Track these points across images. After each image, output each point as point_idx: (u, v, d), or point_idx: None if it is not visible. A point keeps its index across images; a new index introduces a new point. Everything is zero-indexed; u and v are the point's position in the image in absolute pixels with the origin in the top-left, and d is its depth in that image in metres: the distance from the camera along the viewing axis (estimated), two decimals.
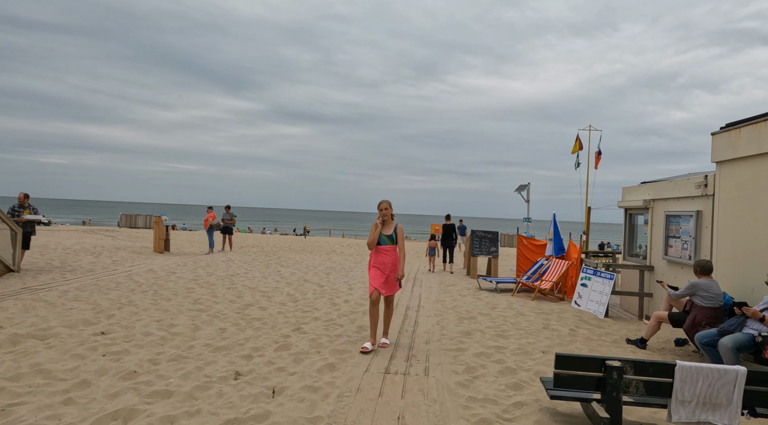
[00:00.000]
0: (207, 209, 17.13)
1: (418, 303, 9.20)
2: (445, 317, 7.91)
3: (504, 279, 11.63)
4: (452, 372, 5.00)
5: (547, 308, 9.16)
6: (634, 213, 10.29)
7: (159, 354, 5.12)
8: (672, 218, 8.48)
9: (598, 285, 9.30)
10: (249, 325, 6.66)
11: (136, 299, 7.98)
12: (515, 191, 16.24)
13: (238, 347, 5.56)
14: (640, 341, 6.67)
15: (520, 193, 16.18)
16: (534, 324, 7.68)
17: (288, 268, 13.59)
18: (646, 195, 9.49)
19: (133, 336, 5.75)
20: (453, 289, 11.26)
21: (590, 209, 11.91)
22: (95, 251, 14.93)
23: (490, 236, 14.04)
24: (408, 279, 12.76)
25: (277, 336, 6.13)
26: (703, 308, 6.02)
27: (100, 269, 11.50)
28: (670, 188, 8.57)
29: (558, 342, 6.50)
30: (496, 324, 7.48)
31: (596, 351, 6.19)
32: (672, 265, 8.47)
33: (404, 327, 7.14)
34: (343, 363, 5.17)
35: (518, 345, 6.22)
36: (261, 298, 8.79)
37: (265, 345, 5.72)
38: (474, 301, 9.65)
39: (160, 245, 16.08)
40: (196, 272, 11.64)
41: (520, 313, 8.53)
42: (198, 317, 6.98)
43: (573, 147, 24.69)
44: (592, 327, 7.78)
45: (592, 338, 6.94)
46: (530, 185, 15.84)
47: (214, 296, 8.67)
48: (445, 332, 6.87)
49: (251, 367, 4.83)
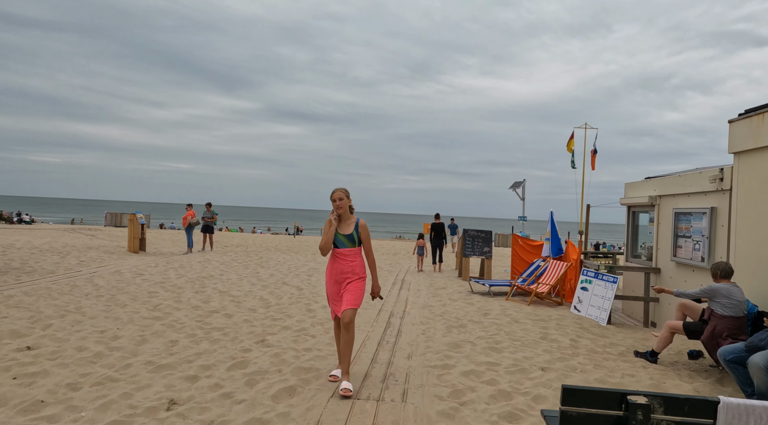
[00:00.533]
0: (186, 206, 16.24)
1: (403, 309, 8.40)
2: (431, 326, 7.11)
3: (497, 282, 10.84)
4: (435, 398, 4.20)
5: (545, 315, 8.38)
6: (638, 211, 9.54)
7: (84, 375, 4.28)
8: (682, 215, 7.72)
9: (600, 289, 8.54)
10: (206, 336, 5.83)
11: (86, 306, 7.13)
12: (510, 188, 15.48)
13: (185, 365, 4.73)
14: (651, 354, 5.90)
15: (515, 190, 15.42)
16: (530, 333, 6.89)
17: (268, 269, 12.75)
18: (652, 191, 8.73)
19: (63, 352, 4.91)
20: (443, 292, 10.46)
21: (589, 207, 11.13)
22: (64, 251, 14.03)
23: (483, 235, 13.25)
24: (395, 281, 11.95)
25: (235, 351, 5.30)
26: (724, 318, 5.25)
27: (62, 270, 10.62)
28: (680, 183, 7.82)
29: (558, 356, 5.71)
30: (489, 334, 6.69)
31: (602, 366, 5.41)
32: (681, 267, 7.71)
33: (385, 337, 6.34)
34: (305, 385, 4.35)
35: (513, 361, 5.42)
36: (229, 303, 7.95)
37: (219, 361, 4.89)
38: (465, 306, 8.85)
39: (135, 245, 15.19)
40: (165, 274, 10.77)
41: (515, 320, 7.75)
42: (150, 326, 6.14)
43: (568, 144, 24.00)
44: (594, 336, 7.00)
45: (596, 350, 6.16)
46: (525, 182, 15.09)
47: (177, 302, 7.83)
48: (430, 344, 6.06)
49: (192, 393, 4.01)
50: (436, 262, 15.19)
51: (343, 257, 4.42)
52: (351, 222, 4.47)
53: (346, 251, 4.42)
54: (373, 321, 7.31)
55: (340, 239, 4.44)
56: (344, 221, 4.47)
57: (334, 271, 4.46)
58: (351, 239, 4.43)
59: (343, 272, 4.43)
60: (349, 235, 4.42)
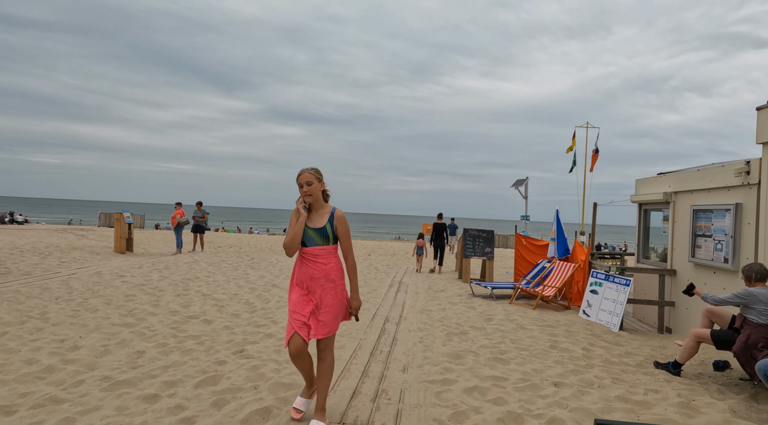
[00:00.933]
0: (175, 205, 15.63)
1: (400, 313, 7.80)
2: (430, 333, 6.51)
3: (500, 284, 10.24)
4: (433, 422, 3.59)
5: (552, 320, 7.78)
6: (651, 209, 8.95)
7: (24, 395, 3.68)
8: (701, 213, 7.13)
9: (611, 292, 7.94)
10: (179, 346, 5.23)
11: (52, 311, 6.52)
12: (512, 186, 14.88)
13: (146, 381, 4.13)
14: (673, 365, 5.30)
15: (517, 188, 14.82)
16: (539, 341, 6.29)
17: (258, 271, 12.14)
18: (667, 187, 8.15)
19: (8, 366, 4.30)
20: (442, 295, 9.86)
21: (596, 206, 10.55)
22: (46, 252, 13.41)
23: (485, 235, 12.65)
24: (392, 283, 11.35)
25: (208, 363, 4.70)
26: (759, 326, 4.66)
27: (39, 272, 10.01)
28: (699, 178, 7.22)
29: (571, 368, 5.10)
30: (493, 342, 6.09)
31: (621, 381, 4.81)
32: (701, 269, 7.12)
33: (378, 346, 5.74)
34: (283, 405, 3.75)
35: (522, 374, 4.82)
36: (211, 308, 7.35)
37: (187, 376, 4.29)
38: (466, 311, 8.25)
39: (122, 245, 14.58)
40: (148, 276, 10.16)
41: (520, 326, 7.15)
42: (117, 334, 5.53)
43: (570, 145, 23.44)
44: (608, 344, 6.40)
45: (611, 360, 5.56)
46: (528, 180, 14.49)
47: (154, 306, 7.22)
48: (428, 354, 5.46)
49: (145, 417, 3.40)
50: (438, 262, 14.68)
51: (313, 258, 3.43)
52: (324, 213, 3.50)
53: (317, 250, 3.44)
54: (367, 327, 6.71)
55: (309, 235, 3.45)
56: (315, 212, 3.52)
57: (302, 276, 3.45)
58: (324, 234, 3.45)
59: (313, 279, 3.42)
60: (320, 229, 3.44)
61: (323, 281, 3.43)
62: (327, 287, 3.43)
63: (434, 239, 14.80)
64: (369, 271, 13.71)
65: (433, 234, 14.81)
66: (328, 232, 3.47)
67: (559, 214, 10.47)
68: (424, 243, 14.81)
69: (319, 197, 3.48)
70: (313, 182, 3.43)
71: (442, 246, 14.78)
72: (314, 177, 3.44)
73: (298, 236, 3.40)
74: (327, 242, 3.48)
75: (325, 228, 3.46)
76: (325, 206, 3.54)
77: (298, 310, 3.36)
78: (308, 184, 3.42)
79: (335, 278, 3.46)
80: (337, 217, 3.49)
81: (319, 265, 3.43)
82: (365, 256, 19.00)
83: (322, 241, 3.46)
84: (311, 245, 3.45)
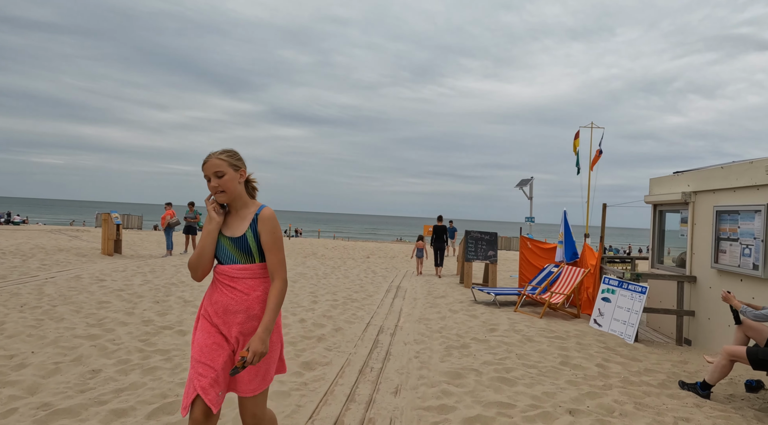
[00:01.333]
0: (165, 205, 15.05)
1: (395, 323, 7.19)
2: (427, 346, 5.90)
3: (504, 290, 9.61)
4: None
5: (561, 330, 7.16)
6: (666, 210, 8.32)
7: None
8: (725, 215, 6.51)
9: (625, 300, 7.32)
10: (142, 363, 4.62)
11: (11, 321, 5.92)
12: (516, 186, 14.26)
13: (92, 409, 3.53)
14: (702, 386, 4.67)
15: (521, 188, 14.21)
16: (548, 356, 5.67)
17: None
18: (686, 187, 7.52)
19: None
20: (442, 302, 9.25)
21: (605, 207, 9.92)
22: (29, 254, 12.84)
23: (488, 237, 12.02)
24: (389, 288, 10.73)
25: (171, 385, 4.09)
26: None
27: (16, 275, 9.44)
28: (723, 177, 6.60)
29: (587, 391, 4.48)
30: (497, 358, 5.47)
31: (645, 406, 4.19)
32: (725, 276, 6.50)
33: (369, 362, 5.13)
34: None
35: (531, 399, 4.20)
36: (190, 317, 6.75)
37: (142, 402, 3.68)
38: (467, 319, 7.63)
39: (109, 247, 14.00)
40: (130, 280, 9.57)
41: (527, 338, 6.53)
42: (75, 349, 4.93)
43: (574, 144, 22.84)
44: (625, 359, 5.78)
45: (631, 379, 4.94)
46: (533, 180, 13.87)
47: (128, 315, 6.63)
48: (425, 372, 4.85)
49: None
50: (439, 265, 14.17)
51: (229, 282, 2.35)
52: (248, 214, 2.41)
53: (236, 270, 2.35)
54: (358, 339, 6.10)
55: (224, 248, 2.37)
56: (236, 214, 2.42)
57: (214, 307, 2.36)
58: (243, 247, 2.35)
59: (228, 312, 2.33)
60: (239, 239, 2.36)
61: (243, 317, 2.32)
62: (248, 327, 2.33)
63: (434, 241, 14.28)
64: (366, 274, 13.11)
65: (433, 237, 14.29)
66: (249, 243, 2.34)
67: (567, 216, 9.86)
68: (424, 245, 14.25)
69: (236, 192, 2.36)
70: (226, 171, 2.31)
71: (442, 249, 14.25)
72: (227, 164, 2.32)
73: (206, 250, 2.32)
74: (249, 258, 2.35)
75: (245, 237, 2.34)
76: (249, 204, 2.43)
77: (205, 360, 2.25)
78: (218, 176, 2.31)
79: (256, 310, 2.34)
80: (261, 219, 2.35)
81: (238, 293, 2.32)
82: (363, 258, 18.40)
83: (242, 257, 2.35)
84: (228, 262, 2.36)
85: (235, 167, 2.36)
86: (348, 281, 11.43)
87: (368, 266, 15.44)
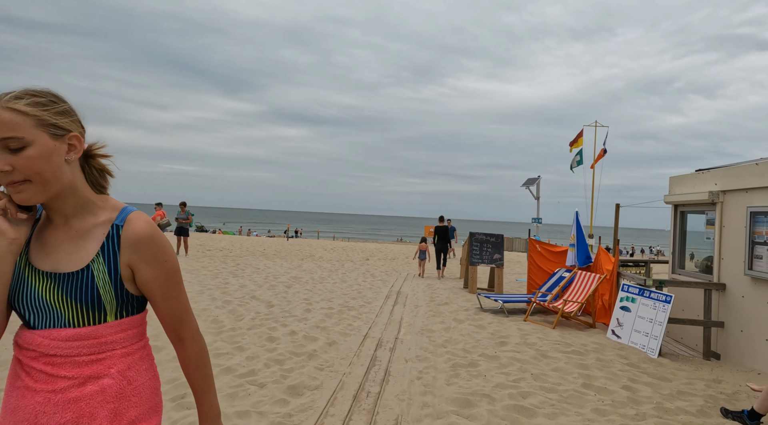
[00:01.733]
0: (155, 206, 14.43)
1: (396, 335, 6.55)
2: (431, 364, 5.26)
3: (513, 297, 8.97)
4: None
5: (578, 343, 6.52)
6: (689, 211, 7.69)
7: None
8: (761, 216, 5.88)
9: (647, 310, 6.68)
10: None
11: None
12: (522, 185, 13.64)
13: None
14: (750, 416, 4.05)
15: (528, 188, 13.58)
16: (567, 376, 5.03)
17: (240, 279, 10.90)
18: (713, 186, 6.88)
19: None
20: (446, 310, 8.61)
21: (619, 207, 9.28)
22: None
23: (493, 240, 11.38)
24: (389, 294, 10.10)
25: None
26: None
27: None
28: (758, 174, 5.97)
29: (619, 423, 3.84)
30: (511, 379, 4.83)
31: None
32: (761, 284, 5.86)
33: (365, 384, 4.49)
34: None
35: None
36: None
37: None
38: (474, 331, 7.00)
39: None
40: None
41: (541, 353, 5.89)
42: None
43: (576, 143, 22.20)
44: (652, 378, 5.14)
45: (665, 406, 4.30)
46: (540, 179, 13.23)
47: None
48: (429, 398, 4.21)
49: None
50: (440, 267, 13.60)
51: (46, 366, 1.14)
52: (90, 227, 1.22)
53: (63, 341, 1.15)
54: (354, 355, 5.47)
55: (37, 295, 1.16)
56: (62, 226, 1.22)
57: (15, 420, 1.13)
58: (83, 291, 1.16)
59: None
60: (74, 277, 1.16)
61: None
62: None
63: (436, 242, 13.68)
64: (365, 278, 12.47)
65: (435, 238, 13.69)
66: (97, 283, 1.18)
67: (578, 216, 9.22)
68: (426, 247, 13.67)
69: (61, 183, 1.16)
70: (28, 137, 1.09)
71: (444, 250, 13.65)
72: (32, 123, 1.10)
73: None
74: (95, 314, 1.17)
75: (88, 273, 1.17)
76: (94, 206, 1.24)
77: None
78: (10, 148, 1.09)
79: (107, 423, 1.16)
80: (133, 236, 1.21)
81: (63, 389, 1.13)
82: (363, 261, 17.77)
83: (78, 313, 1.16)
84: (43, 325, 1.16)
85: (54, 129, 1.14)
86: (345, 286, 10.80)
87: (367, 269, 14.80)
